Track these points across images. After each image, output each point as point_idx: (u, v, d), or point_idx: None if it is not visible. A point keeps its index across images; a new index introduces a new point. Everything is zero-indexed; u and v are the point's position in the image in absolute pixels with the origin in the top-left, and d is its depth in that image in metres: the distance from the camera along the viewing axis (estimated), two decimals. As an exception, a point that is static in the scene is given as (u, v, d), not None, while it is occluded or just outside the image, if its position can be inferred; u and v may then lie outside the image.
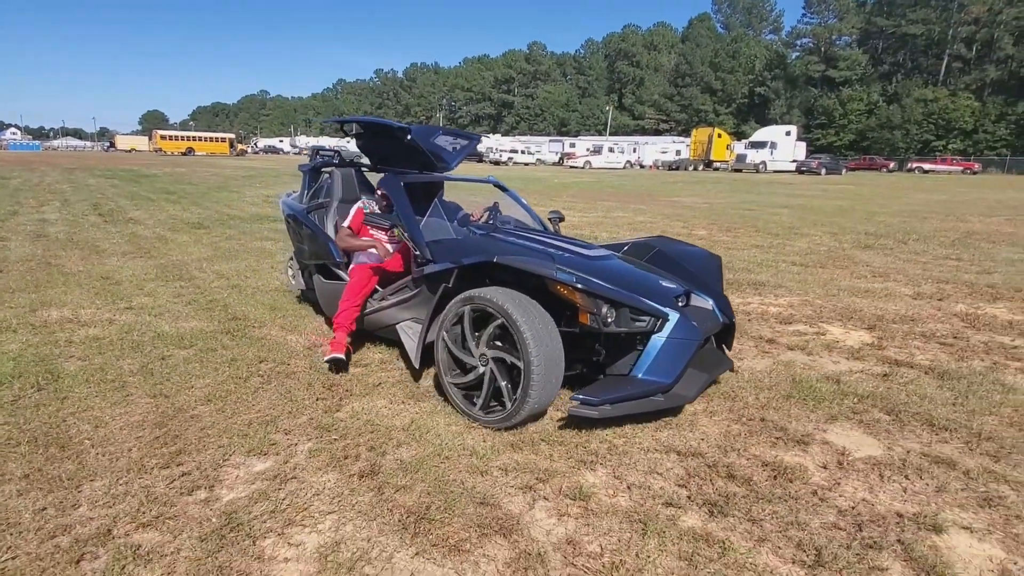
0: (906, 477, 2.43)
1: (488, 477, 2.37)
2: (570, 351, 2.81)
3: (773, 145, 42.39)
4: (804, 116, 68.62)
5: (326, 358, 3.42)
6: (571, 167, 44.66)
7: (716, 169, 45.08)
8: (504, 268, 2.84)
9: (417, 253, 3.38)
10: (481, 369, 2.82)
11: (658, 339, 2.82)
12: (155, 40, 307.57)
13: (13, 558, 1.82)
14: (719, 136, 47.67)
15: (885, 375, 3.61)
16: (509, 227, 4.03)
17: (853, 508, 2.21)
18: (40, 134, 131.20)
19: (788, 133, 44.16)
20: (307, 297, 4.78)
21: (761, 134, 45.86)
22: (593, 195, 18.15)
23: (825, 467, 2.51)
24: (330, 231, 4.27)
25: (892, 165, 50.57)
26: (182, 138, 65.68)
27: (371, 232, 3.89)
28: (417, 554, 1.91)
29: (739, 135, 59.72)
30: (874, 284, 6.20)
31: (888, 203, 16.56)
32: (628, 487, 2.32)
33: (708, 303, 3.30)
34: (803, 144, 47.69)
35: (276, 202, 13.51)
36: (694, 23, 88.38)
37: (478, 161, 45.66)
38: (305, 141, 79.00)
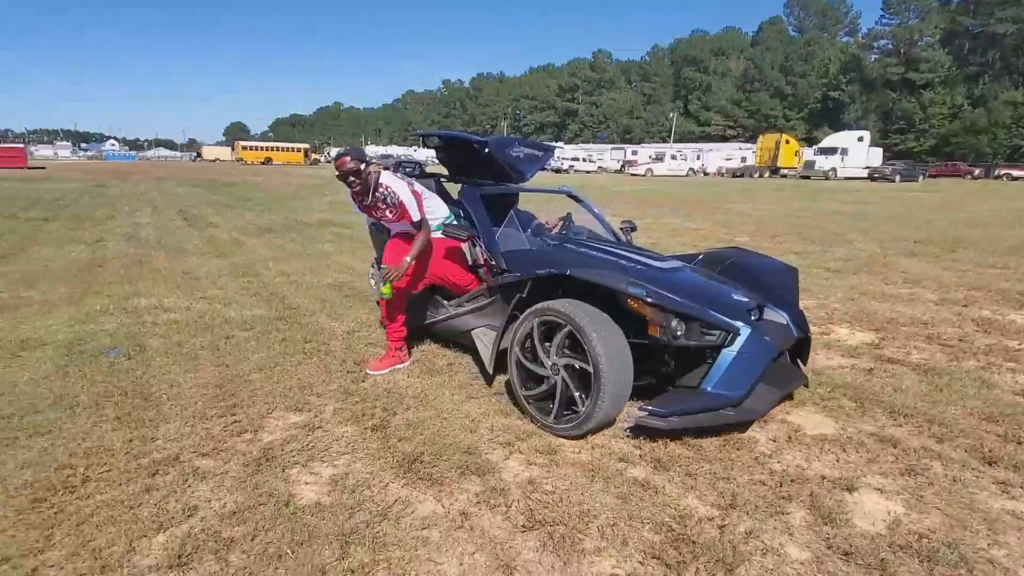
0: (843, 450, 2.73)
1: (476, 434, 2.84)
2: (639, 362, 2.82)
3: (844, 151, 40.82)
4: (881, 120, 65.58)
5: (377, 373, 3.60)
6: (632, 174, 44.55)
7: (783, 176, 43.84)
8: (577, 280, 2.88)
9: (493, 263, 3.61)
10: (553, 379, 2.88)
11: (728, 353, 2.81)
12: (239, 56, 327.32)
13: (108, 471, 2.44)
14: (787, 142, 46.37)
15: (870, 370, 3.83)
16: (582, 238, 4.17)
17: (784, 471, 2.55)
18: (135, 145, 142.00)
19: (861, 139, 42.44)
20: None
21: (831, 140, 44.21)
22: (647, 202, 18.31)
23: (774, 440, 2.84)
24: None
25: (977, 172, 47.54)
26: (261, 148, 69.83)
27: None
28: (406, 484, 2.41)
29: (811, 141, 57.73)
30: (901, 290, 6.26)
31: (954, 210, 15.91)
32: (592, 447, 2.74)
33: (782, 317, 3.26)
34: (879, 150, 45.67)
35: (343, 208, 14.48)
36: (765, 27, 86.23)
37: (540, 169, 46.24)
38: (374, 150, 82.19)
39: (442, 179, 4.83)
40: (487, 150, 3.91)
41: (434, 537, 2.08)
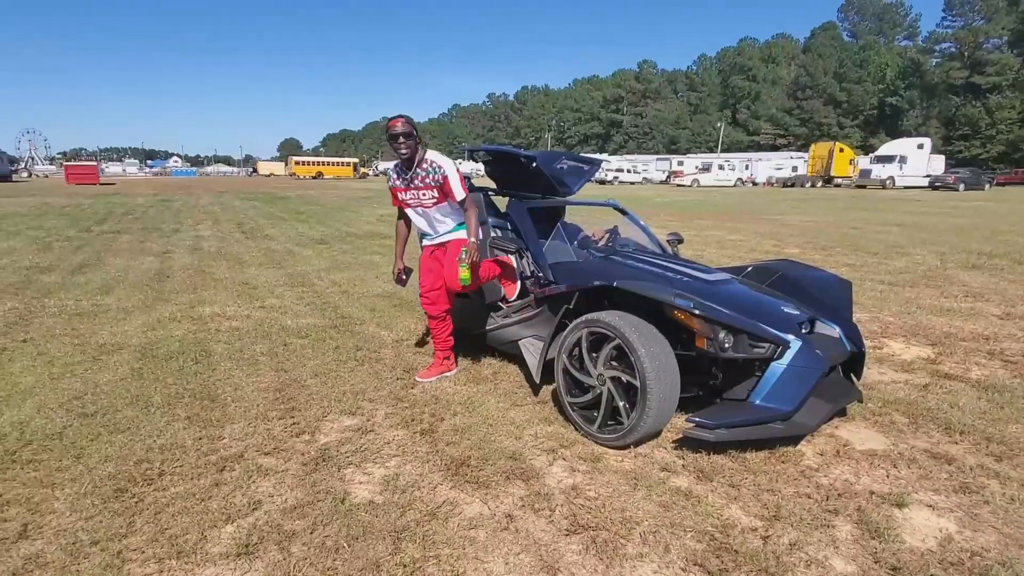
0: (895, 466, 2.69)
1: (521, 441, 2.92)
2: (687, 374, 2.85)
3: (903, 159, 39.33)
4: (944, 127, 62.95)
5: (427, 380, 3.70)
6: (678, 185, 44.02)
7: (837, 185, 42.53)
8: (623, 291, 2.93)
9: (540, 274, 3.70)
10: (599, 389, 2.91)
11: (778, 366, 2.78)
12: (292, 74, 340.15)
13: (181, 465, 2.63)
14: (840, 151, 44.94)
15: (926, 386, 3.73)
16: (628, 250, 4.17)
17: (831, 484, 2.53)
18: (196, 161, 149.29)
19: (920, 146, 40.80)
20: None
21: (889, 147, 42.65)
22: (692, 214, 18.09)
23: (822, 454, 2.82)
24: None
25: (1051, 179, 44.97)
26: (313, 163, 72.05)
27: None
28: (454, 487, 2.51)
29: (867, 149, 55.92)
30: (962, 304, 6.03)
31: (1023, 221, 15.13)
32: (635, 455, 2.78)
33: (835, 330, 3.20)
34: (941, 157, 43.86)
35: (391, 221, 14.86)
36: (817, 33, 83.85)
37: (586, 182, 46.22)
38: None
39: (490, 192, 4.90)
40: (535, 164, 3.98)
41: (481, 537, 2.17)
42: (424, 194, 3.47)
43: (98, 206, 18.63)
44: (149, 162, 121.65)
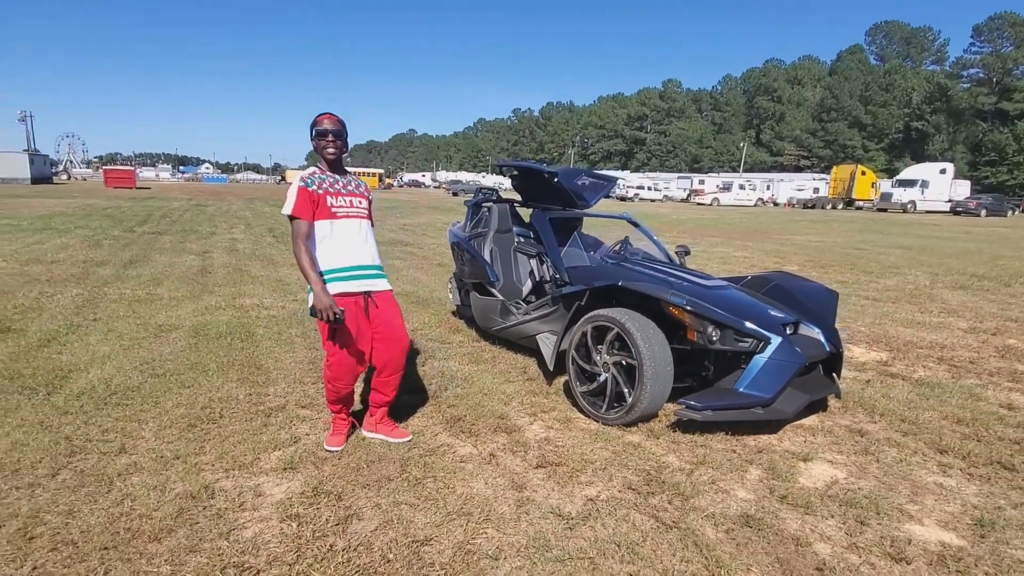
0: (813, 435, 3.26)
1: (509, 406, 3.56)
2: (682, 365, 3.26)
3: (924, 183, 39.30)
4: (970, 152, 62.53)
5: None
6: (698, 204, 44.38)
7: (859, 208, 42.53)
8: (628, 291, 3.38)
9: (558, 276, 4.19)
10: (604, 376, 3.35)
11: (759, 359, 3.17)
12: (322, 85, 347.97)
13: (236, 412, 3.31)
14: (863, 173, 44.96)
15: (868, 381, 4.27)
16: (637, 257, 4.57)
17: (755, 444, 3.12)
18: (227, 168, 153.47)
19: (943, 171, 40.71)
20: (461, 313, 5.64)
21: (911, 172, 42.66)
22: (704, 231, 18.59)
23: (754, 424, 3.39)
24: (487, 256, 4.93)
25: (1079, 207, 44.45)
26: (340, 173, 73.75)
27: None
28: (451, 435, 3.15)
29: (892, 172, 55.85)
30: (934, 319, 6.50)
31: (1030, 247, 15.38)
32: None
33: (817, 332, 3.60)
34: (967, 183, 43.73)
35: (414, 230, 15.63)
36: (844, 56, 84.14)
37: (605, 197, 46.83)
38: (445, 176, 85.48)
39: (515, 204, 5.43)
40: (556, 179, 4.44)
41: (469, 467, 2.80)
42: (360, 202, 2.94)
43: (137, 208, 19.75)
44: (181, 168, 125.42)
